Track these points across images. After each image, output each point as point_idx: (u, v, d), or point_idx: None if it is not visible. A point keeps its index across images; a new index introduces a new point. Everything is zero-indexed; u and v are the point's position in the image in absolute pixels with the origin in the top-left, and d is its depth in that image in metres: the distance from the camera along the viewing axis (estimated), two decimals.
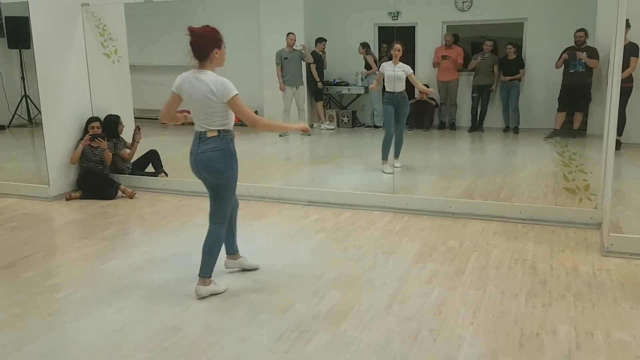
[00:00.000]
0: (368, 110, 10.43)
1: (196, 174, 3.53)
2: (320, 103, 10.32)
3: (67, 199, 5.93)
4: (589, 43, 8.12)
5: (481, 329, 3.06)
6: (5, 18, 10.23)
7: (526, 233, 4.62)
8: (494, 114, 9.70)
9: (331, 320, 3.20)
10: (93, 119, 6.15)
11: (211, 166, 3.42)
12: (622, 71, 4.19)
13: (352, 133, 10.20)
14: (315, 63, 9.88)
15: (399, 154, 6.84)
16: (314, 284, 3.69)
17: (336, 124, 10.42)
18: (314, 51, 9.95)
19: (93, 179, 6.01)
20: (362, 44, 9.88)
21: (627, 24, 4.29)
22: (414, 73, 6.93)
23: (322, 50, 10.08)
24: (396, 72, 6.60)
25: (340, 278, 3.79)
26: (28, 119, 10.50)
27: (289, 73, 9.45)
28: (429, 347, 2.89)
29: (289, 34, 9.39)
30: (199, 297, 3.49)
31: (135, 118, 6.89)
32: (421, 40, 10.24)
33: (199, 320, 3.24)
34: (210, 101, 3.33)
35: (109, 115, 6.31)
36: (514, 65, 9.35)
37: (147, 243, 4.68)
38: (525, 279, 3.71)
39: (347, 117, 10.45)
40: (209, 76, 3.35)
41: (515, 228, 4.74)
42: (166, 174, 6.47)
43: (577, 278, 3.71)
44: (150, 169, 6.59)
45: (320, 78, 10.02)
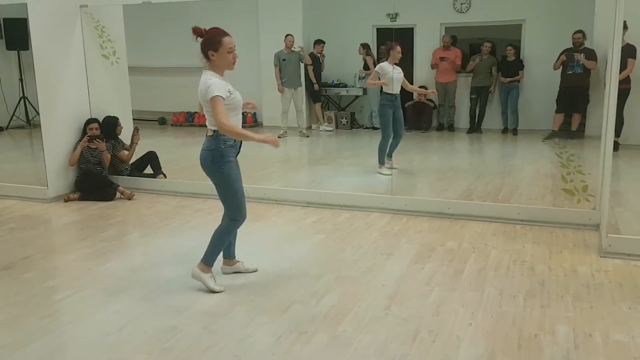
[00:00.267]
0: (366, 111, 10.44)
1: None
2: (318, 104, 10.33)
3: (66, 201, 5.93)
4: (586, 44, 8.14)
5: (480, 330, 3.06)
6: (3, 20, 10.24)
7: (524, 234, 4.63)
8: (493, 116, 9.72)
9: (330, 321, 3.20)
10: (91, 121, 6.15)
11: (203, 165, 3.56)
12: (620, 72, 4.20)
13: (351, 134, 10.21)
14: (312, 65, 9.89)
15: (391, 154, 6.80)
16: (313, 285, 3.69)
17: (335, 125, 10.43)
18: (312, 53, 9.96)
19: (91, 180, 6.01)
20: (363, 45, 9.90)
21: (625, 26, 4.29)
22: (413, 75, 6.89)
23: (320, 52, 10.09)
24: (398, 74, 6.56)
25: (339, 279, 3.80)
26: (26, 121, 10.50)
27: (288, 75, 9.46)
28: (427, 348, 2.89)
29: (287, 35, 9.41)
30: (192, 276, 3.66)
31: (133, 119, 6.89)
32: (419, 41, 10.27)
33: (197, 321, 3.24)
34: (204, 101, 3.42)
35: (108, 116, 6.31)
36: (514, 66, 9.37)
37: (146, 244, 4.68)
38: (524, 280, 3.71)
39: (346, 119, 10.45)
40: (204, 76, 3.43)
41: (513, 229, 4.75)
42: (165, 176, 6.47)
43: (576, 279, 3.72)
44: (148, 170, 6.59)
45: (317, 80, 10.03)
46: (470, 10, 9.91)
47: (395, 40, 6.64)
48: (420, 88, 8.41)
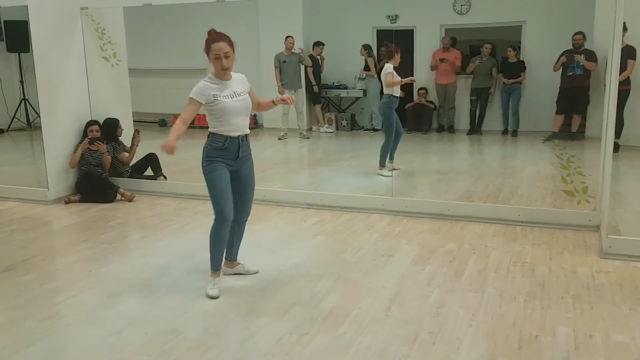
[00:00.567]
0: (367, 113, 10.45)
1: None
2: (318, 106, 10.34)
3: (66, 203, 5.93)
4: (586, 46, 8.14)
5: (480, 331, 3.06)
6: (4, 22, 10.26)
7: (525, 235, 4.63)
8: (493, 117, 9.72)
9: (330, 322, 3.20)
10: (92, 123, 6.16)
11: None
12: (620, 74, 4.20)
13: (351, 136, 10.22)
14: (312, 67, 9.90)
15: (393, 156, 6.80)
16: (313, 287, 3.69)
17: (335, 127, 10.43)
18: (311, 55, 9.97)
19: (92, 182, 6.01)
20: (364, 46, 9.91)
21: (624, 27, 4.29)
22: (413, 76, 6.89)
23: (320, 54, 10.10)
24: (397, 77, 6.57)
25: (339, 281, 3.80)
26: (27, 123, 10.51)
27: (288, 76, 9.47)
28: (428, 350, 2.89)
29: (287, 37, 9.42)
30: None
31: (134, 121, 6.90)
32: (419, 43, 10.28)
33: (198, 323, 3.24)
34: None
35: (108, 118, 6.32)
36: (516, 68, 9.34)
37: (146, 246, 4.68)
38: (524, 281, 3.71)
39: (346, 120, 10.46)
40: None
41: (514, 230, 4.75)
42: (165, 177, 6.47)
43: (576, 280, 3.72)
44: (149, 172, 6.59)
45: (316, 82, 10.04)
46: (470, 11, 9.91)
47: (395, 42, 6.65)
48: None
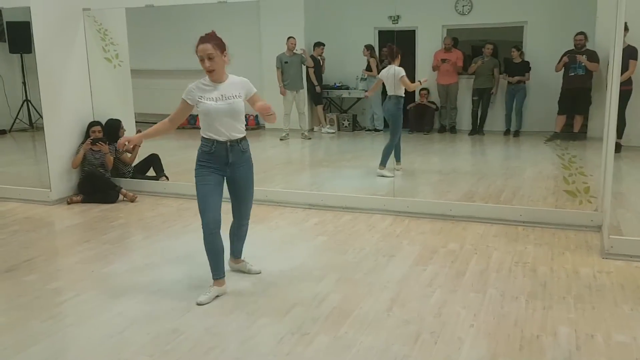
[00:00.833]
0: (368, 113, 10.45)
1: None
2: (320, 107, 10.35)
3: (69, 203, 5.94)
4: (588, 46, 8.13)
5: (481, 332, 3.07)
6: (6, 23, 10.28)
7: (526, 236, 4.63)
8: (495, 117, 9.71)
9: (332, 323, 3.20)
10: (94, 123, 6.18)
11: None
12: (621, 74, 4.20)
13: (353, 137, 10.23)
14: (313, 67, 9.91)
15: (400, 157, 6.83)
16: (315, 287, 3.69)
17: (337, 127, 10.44)
18: (312, 55, 9.98)
19: (94, 183, 6.03)
20: (367, 46, 9.93)
21: (626, 27, 4.29)
22: (414, 77, 6.91)
23: (320, 55, 10.11)
24: None
25: (340, 281, 3.80)
26: (29, 123, 10.53)
27: (290, 77, 9.48)
28: (429, 350, 2.89)
29: (289, 38, 9.43)
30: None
31: (136, 122, 6.91)
32: (421, 44, 10.28)
33: (199, 323, 3.24)
34: None
35: (110, 119, 6.33)
36: (520, 68, 9.30)
37: (148, 247, 4.69)
38: (526, 282, 3.71)
39: (348, 121, 10.47)
40: None
41: (515, 231, 4.75)
42: (167, 178, 6.48)
43: (578, 280, 3.72)
44: (151, 172, 6.60)
45: (318, 82, 10.05)
46: (471, 12, 9.92)
47: (397, 43, 6.66)
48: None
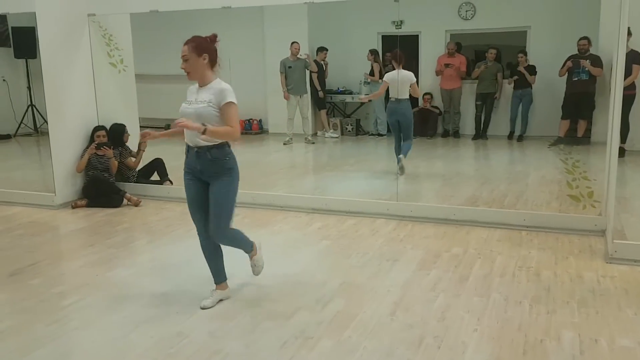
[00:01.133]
0: (372, 118, 10.46)
1: None
2: (323, 111, 10.36)
3: (73, 207, 5.97)
4: (592, 51, 8.13)
5: (485, 336, 3.07)
6: (12, 28, 10.35)
7: (530, 240, 4.63)
8: (498, 122, 9.71)
9: (335, 327, 3.21)
10: (99, 128, 6.21)
11: None
12: (625, 79, 4.21)
13: (356, 141, 10.23)
14: (317, 72, 9.94)
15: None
16: (318, 291, 3.70)
17: (340, 132, 10.45)
18: (316, 60, 10.01)
19: (99, 187, 6.05)
20: (371, 51, 9.95)
21: (629, 32, 4.30)
22: (418, 82, 7.05)
23: (323, 60, 10.14)
24: None
25: (344, 285, 3.81)
26: (34, 128, 10.59)
27: (293, 82, 9.50)
28: (432, 354, 2.89)
29: (293, 43, 9.46)
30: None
31: (140, 127, 6.93)
32: (424, 48, 10.29)
33: (203, 326, 3.25)
34: None
35: (115, 124, 6.36)
36: (527, 72, 9.24)
37: (153, 250, 4.70)
38: (529, 286, 3.71)
39: (351, 125, 10.48)
40: None
41: (519, 235, 4.75)
42: (171, 182, 6.50)
43: (581, 285, 3.72)
44: (155, 177, 6.63)
45: (321, 87, 10.07)
46: (475, 17, 9.93)
47: (400, 47, 6.73)
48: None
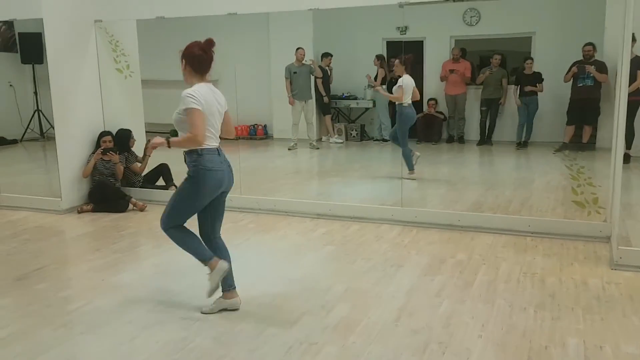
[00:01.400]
0: (376, 123, 10.48)
1: (220, 189, 3.50)
2: (328, 117, 10.38)
3: (79, 212, 6.00)
4: (597, 57, 8.13)
5: (490, 342, 3.06)
6: (18, 34, 10.43)
7: (535, 246, 4.62)
8: (503, 128, 9.70)
9: (340, 332, 3.21)
10: (105, 133, 6.24)
11: (233, 179, 3.56)
12: (629, 85, 4.21)
13: (361, 146, 10.25)
14: (322, 77, 9.96)
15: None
16: (323, 297, 3.71)
17: (344, 137, 10.47)
18: (320, 66, 10.03)
19: (105, 192, 6.08)
20: (378, 56, 9.99)
21: (633, 38, 4.30)
22: (422, 87, 7.10)
23: (328, 65, 10.17)
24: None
25: (348, 291, 3.81)
26: (40, 133, 10.64)
27: (298, 87, 9.53)
28: None
29: (298, 48, 9.50)
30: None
31: (146, 132, 6.97)
32: (429, 54, 10.31)
33: (208, 332, 3.26)
34: (222, 111, 3.46)
35: (121, 129, 6.39)
36: (532, 79, 9.13)
37: (158, 255, 4.71)
38: (534, 292, 3.71)
39: (356, 131, 10.51)
40: (214, 88, 3.45)
41: (524, 241, 4.74)
42: (176, 187, 6.51)
43: (586, 291, 3.71)
44: (160, 182, 6.65)
45: (326, 92, 10.09)
46: (479, 23, 9.95)
47: (405, 53, 6.75)
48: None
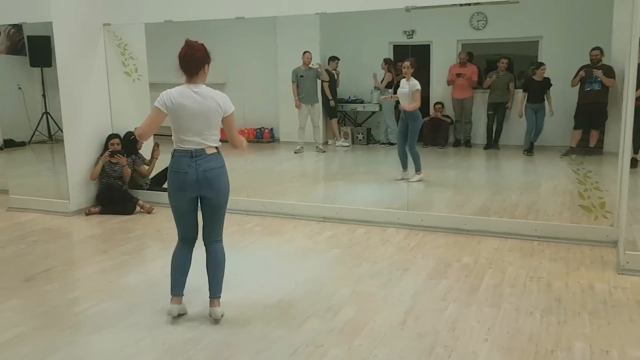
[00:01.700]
0: (382, 127, 10.48)
1: (189, 193, 3.36)
2: (335, 120, 10.39)
3: (87, 214, 6.03)
4: (604, 61, 8.10)
5: (496, 346, 3.06)
6: (27, 37, 10.50)
7: (542, 250, 4.61)
8: (510, 132, 9.67)
9: (346, 335, 3.22)
10: (113, 136, 6.28)
11: (218, 185, 3.37)
12: (637, 89, 4.20)
13: (367, 150, 10.25)
14: (328, 81, 9.98)
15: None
16: (329, 300, 3.71)
17: (351, 141, 10.48)
18: (327, 69, 10.05)
19: (112, 194, 6.11)
20: (386, 60, 9.99)
21: None
22: (429, 91, 7.10)
23: (335, 69, 10.19)
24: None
25: (354, 294, 3.82)
26: (48, 136, 10.69)
27: (305, 91, 9.55)
28: None
29: (305, 52, 9.52)
30: (218, 319, 3.43)
31: (154, 135, 6.98)
32: (436, 58, 10.31)
33: (214, 334, 3.28)
34: (217, 115, 3.33)
35: (129, 132, 6.42)
36: (542, 85, 8.92)
37: (165, 257, 4.70)
38: (541, 297, 3.70)
39: (362, 134, 10.51)
40: (210, 91, 3.34)
41: (530, 245, 4.73)
42: None
43: (593, 296, 3.70)
44: None
45: (333, 96, 10.10)
46: (486, 27, 9.93)
47: (412, 57, 6.77)
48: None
